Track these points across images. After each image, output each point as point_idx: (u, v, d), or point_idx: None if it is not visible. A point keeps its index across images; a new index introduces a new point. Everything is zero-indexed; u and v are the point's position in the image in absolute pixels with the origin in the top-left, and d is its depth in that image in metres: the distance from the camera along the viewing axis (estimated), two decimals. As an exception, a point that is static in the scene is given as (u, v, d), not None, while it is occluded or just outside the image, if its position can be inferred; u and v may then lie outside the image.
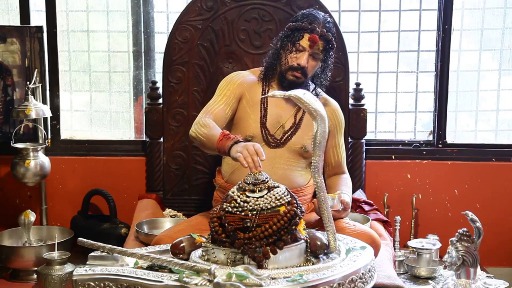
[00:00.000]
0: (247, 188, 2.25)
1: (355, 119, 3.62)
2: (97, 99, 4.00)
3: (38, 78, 3.73)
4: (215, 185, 3.13)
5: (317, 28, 2.90)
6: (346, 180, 3.08)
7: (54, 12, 3.81)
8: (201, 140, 2.78)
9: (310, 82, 3.04)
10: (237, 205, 2.21)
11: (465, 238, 2.78)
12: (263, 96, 2.99)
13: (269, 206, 2.19)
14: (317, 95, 3.03)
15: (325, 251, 2.29)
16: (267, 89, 3.02)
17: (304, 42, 2.90)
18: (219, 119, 2.89)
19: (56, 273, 3.23)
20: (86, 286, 2.18)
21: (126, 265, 2.33)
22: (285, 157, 2.97)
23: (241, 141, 2.58)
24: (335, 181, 3.06)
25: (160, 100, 3.66)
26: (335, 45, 2.99)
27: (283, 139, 2.98)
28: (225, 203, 2.25)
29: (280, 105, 3.00)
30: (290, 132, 2.99)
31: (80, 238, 2.36)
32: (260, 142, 2.93)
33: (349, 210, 2.85)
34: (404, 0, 3.83)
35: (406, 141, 3.88)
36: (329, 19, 2.98)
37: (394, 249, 3.43)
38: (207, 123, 2.79)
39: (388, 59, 3.89)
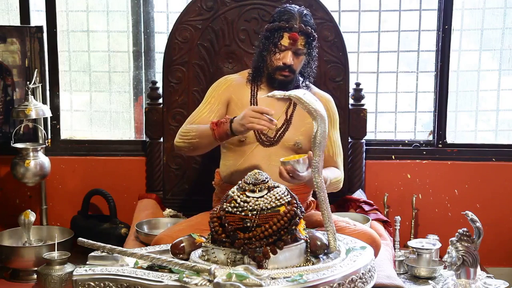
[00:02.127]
0: (247, 188, 2.25)
1: (355, 119, 3.61)
2: (97, 99, 4.00)
3: (38, 78, 3.73)
4: (214, 187, 3.13)
5: (295, 25, 2.88)
6: (330, 168, 2.95)
7: (54, 12, 3.81)
8: (193, 143, 2.81)
9: (299, 78, 3.04)
10: (237, 205, 2.21)
11: (465, 238, 2.78)
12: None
13: (269, 206, 2.19)
14: (307, 88, 3.02)
15: (325, 251, 2.29)
16: (255, 90, 3.02)
17: (285, 41, 2.89)
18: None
19: (56, 273, 3.23)
20: (86, 286, 2.18)
21: (126, 265, 2.33)
22: (280, 154, 2.95)
23: (234, 117, 2.62)
24: None
25: (160, 100, 3.66)
26: (316, 36, 2.96)
27: (276, 137, 2.97)
28: (225, 203, 2.25)
29: (270, 103, 3.00)
30: (282, 129, 2.98)
31: (80, 238, 2.36)
32: (253, 142, 2.93)
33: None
34: (404, 0, 3.83)
35: (406, 141, 3.88)
36: (305, 11, 2.94)
37: (394, 249, 3.43)
38: (189, 128, 2.87)
39: (388, 59, 3.89)
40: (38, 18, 3.86)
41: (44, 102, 3.76)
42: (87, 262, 2.33)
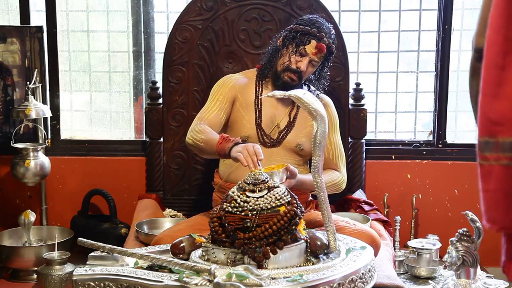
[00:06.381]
0: (247, 188, 2.25)
1: (355, 119, 3.61)
2: (97, 99, 4.00)
3: (38, 78, 3.73)
4: (213, 187, 3.13)
5: (325, 38, 2.92)
6: (327, 171, 2.97)
7: (54, 12, 3.81)
8: (199, 146, 2.79)
9: (304, 88, 3.06)
10: (237, 205, 2.21)
11: (465, 238, 2.78)
12: (262, 96, 2.99)
13: (269, 206, 2.19)
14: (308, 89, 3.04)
15: (325, 251, 2.29)
16: (260, 89, 3.03)
17: (310, 48, 2.91)
18: (214, 124, 2.90)
19: (56, 273, 3.23)
20: (86, 286, 2.18)
21: (126, 265, 2.33)
22: (282, 155, 2.97)
23: (240, 143, 2.60)
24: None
25: (160, 100, 3.66)
26: (334, 56, 3.05)
27: (278, 139, 2.98)
28: (225, 203, 2.24)
29: (273, 104, 3.00)
30: (285, 131, 2.99)
31: (80, 238, 2.36)
32: (255, 142, 2.93)
33: (296, 177, 2.68)
34: (404, 0, 3.83)
35: (406, 141, 3.88)
36: (333, 30, 3.01)
37: (394, 249, 3.42)
38: (203, 129, 2.81)
39: (388, 59, 3.89)
40: (38, 18, 3.86)
41: (44, 102, 3.76)
42: (87, 262, 2.33)
